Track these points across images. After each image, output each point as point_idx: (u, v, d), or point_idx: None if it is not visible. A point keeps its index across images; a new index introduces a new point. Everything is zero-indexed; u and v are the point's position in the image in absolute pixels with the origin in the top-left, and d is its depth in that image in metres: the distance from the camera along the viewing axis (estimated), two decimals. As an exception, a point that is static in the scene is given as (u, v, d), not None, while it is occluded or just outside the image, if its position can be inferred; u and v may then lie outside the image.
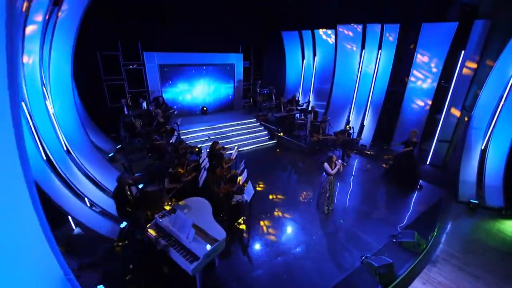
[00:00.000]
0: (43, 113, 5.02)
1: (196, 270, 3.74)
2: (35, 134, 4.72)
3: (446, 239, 5.73)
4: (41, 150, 4.89)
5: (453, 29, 7.81)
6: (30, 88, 4.58)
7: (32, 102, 4.64)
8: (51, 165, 5.10)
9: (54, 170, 5.14)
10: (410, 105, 9.48)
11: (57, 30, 5.18)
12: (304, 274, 4.58)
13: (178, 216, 4.30)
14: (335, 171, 5.83)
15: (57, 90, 5.60)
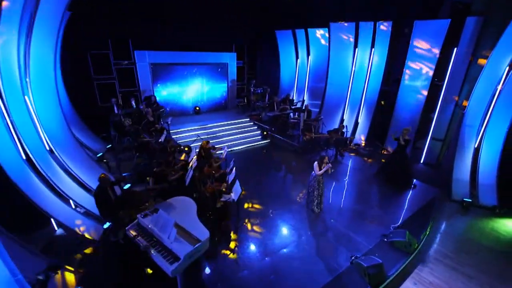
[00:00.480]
0: (22, 110, 4.86)
1: (176, 271, 3.59)
2: (13, 131, 4.57)
3: (439, 239, 5.61)
4: (20, 149, 4.74)
5: (446, 26, 7.74)
6: (6, 82, 4.40)
7: (9, 98, 4.47)
8: (32, 164, 4.94)
9: (34, 170, 4.98)
10: (404, 103, 9.38)
11: (37, 21, 4.95)
12: (291, 274, 4.44)
13: (160, 215, 4.14)
14: (322, 172, 5.71)
15: (38, 86, 5.41)
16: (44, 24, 5.25)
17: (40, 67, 5.51)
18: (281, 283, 4.27)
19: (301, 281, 4.32)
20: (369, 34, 9.33)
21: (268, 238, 5.27)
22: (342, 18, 9.43)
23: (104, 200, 4.71)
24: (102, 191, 4.71)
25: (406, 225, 5.75)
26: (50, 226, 5.33)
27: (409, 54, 8.81)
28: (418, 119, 9.11)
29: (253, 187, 7.12)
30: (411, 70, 8.98)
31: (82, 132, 8.72)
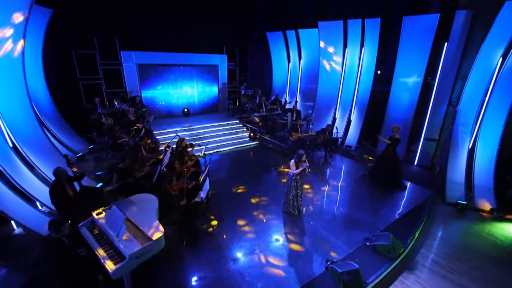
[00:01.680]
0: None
1: (119, 272, 3.21)
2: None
3: (428, 243, 5.12)
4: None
5: (435, 21, 7.45)
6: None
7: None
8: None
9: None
10: (397, 103, 9.02)
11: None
12: (258, 280, 4.00)
13: (113, 212, 3.80)
14: (299, 171, 5.32)
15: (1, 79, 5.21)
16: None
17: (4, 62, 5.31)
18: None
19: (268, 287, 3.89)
20: (357, 32, 9.09)
21: (237, 240, 4.85)
22: (329, 16, 9.22)
23: (61, 196, 4.39)
24: (59, 186, 4.40)
25: (393, 228, 5.26)
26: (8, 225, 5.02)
27: (400, 52, 8.51)
28: (412, 120, 8.72)
29: (229, 187, 6.75)
30: (402, 68, 8.66)
31: (64, 132, 8.53)
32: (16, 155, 5.31)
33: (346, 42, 9.52)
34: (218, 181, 7.06)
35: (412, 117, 8.70)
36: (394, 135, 6.82)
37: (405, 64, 8.56)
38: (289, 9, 10.84)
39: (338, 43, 9.72)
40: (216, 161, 8.47)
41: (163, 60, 10.88)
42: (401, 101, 8.96)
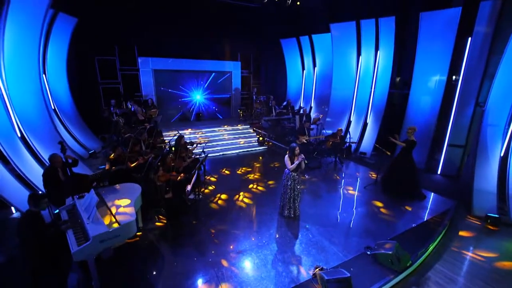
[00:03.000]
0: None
1: (80, 253, 3.06)
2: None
3: (445, 258, 4.33)
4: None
5: (457, 15, 6.82)
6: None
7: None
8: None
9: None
10: (416, 107, 8.26)
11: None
12: (233, 281, 3.60)
13: (90, 196, 3.74)
14: (295, 166, 4.91)
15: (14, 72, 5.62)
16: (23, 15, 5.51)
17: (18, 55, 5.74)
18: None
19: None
20: (371, 33, 8.66)
21: (224, 240, 4.50)
22: (341, 18, 8.93)
23: (52, 181, 4.48)
24: (52, 171, 4.50)
25: (402, 239, 4.56)
26: (8, 209, 5.23)
27: (419, 52, 7.88)
28: (434, 124, 7.89)
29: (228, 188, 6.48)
30: (422, 69, 7.98)
31: (81, 131, 9.03)
32: (23, 144, 5.63)
33: (360, 43, 9.11)
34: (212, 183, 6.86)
35: (434, 122, 7.88)
36: (409, 136, 6.13)
37: (425, 64, 7.89)
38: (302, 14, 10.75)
39: (351, 45, 9.34)
40: (219, 163, 8.32)
41: (178, 66, 11.29)
42: (421, 105, 8.20)
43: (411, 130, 6.13)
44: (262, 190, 6.52)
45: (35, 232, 3.13)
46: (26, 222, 3.17)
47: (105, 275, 3.54)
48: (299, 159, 4.84)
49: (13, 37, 5.43)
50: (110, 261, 3.90)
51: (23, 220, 3.22)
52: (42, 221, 3.26)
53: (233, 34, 11.72)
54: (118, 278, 3.63)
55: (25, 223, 3.17)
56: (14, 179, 5.18)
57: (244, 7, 11.10)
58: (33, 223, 3.15)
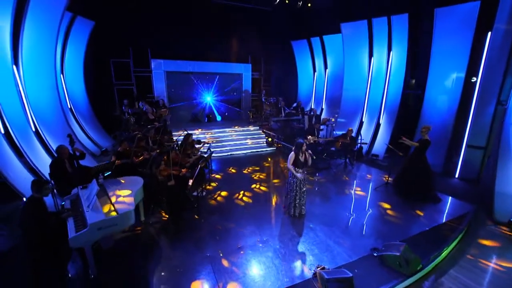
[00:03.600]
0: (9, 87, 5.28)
1: (76, 240, 3.09)
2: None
3: (462, 265, 3.99)
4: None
5: (476, 9, 6.48)
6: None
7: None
8: (10, 139, 5.19)
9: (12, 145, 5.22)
10: (433, 107, 7.88)
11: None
12: (230, 277, 3.49)
13: (92, 185, 3.80)
14: (290, 165, 4.77)
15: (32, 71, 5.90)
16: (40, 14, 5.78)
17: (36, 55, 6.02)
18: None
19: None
20: (384, 31, 8.42)
21: (224, 235, 4.41)
22: (352, 17, 8.76)
23: (59, 172, 4.60)
24: (59, 162, 4.63)
25: (413, 241, 4.26)
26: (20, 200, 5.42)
27: (434, 50, 7.55)
28: (452, 125, 7.47)
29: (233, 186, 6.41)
30: (438, 68, 7.62)
31: (95, 130, 9.33)
32: (37, 139, 5.86)
33: (372, 43, 8.88)
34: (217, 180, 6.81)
35: (452, 122, 7.46)
36: (423, 136, 5.81)
37: (441, 62, 7.53)
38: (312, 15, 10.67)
39: (363, 45, 9.12)
40: (226, 163, 8.29)
41: (189, 68, 11.51)
42: (438, 104, 7.81)
43: (425, 129, 5.82)
44: (268, 188, 6.40)
45: (36, 217, 3.19)
46: (28, 207, 3.24)
47: (103, 264, 3.56)
48: (306, 156, 4.71)
49: (31, 37, 5.72)
50: (109, 252, 3.92)
51: (26, 205, 3.29)
52: (44, 207, 3.32)
53: (244, 37, 11.82)
54: (116, 268, 3.62)
55: (28, 208, 3.24)
56: (27, 172, 5.38)
57: (255, 10, 11.20)
58: (36, 208, 3.22)
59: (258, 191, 6.26)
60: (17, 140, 5.30)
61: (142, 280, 3.41)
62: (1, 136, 5.07)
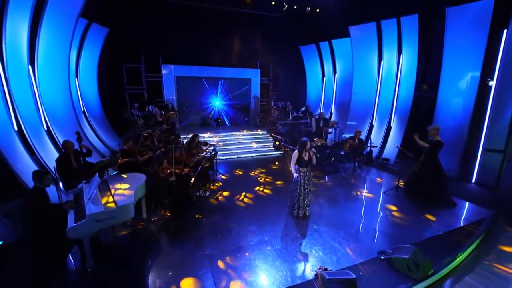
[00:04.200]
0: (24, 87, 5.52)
1: (74, 230, 3.09)
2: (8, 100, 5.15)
3: (478, 271, 3.69)
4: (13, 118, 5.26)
5: (490, 7, 6.26)
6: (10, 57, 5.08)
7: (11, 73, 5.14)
8: (22, 136, 5.39)
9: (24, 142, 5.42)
10: (446, 110, 7.57)
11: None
12: (228, 276, 3.38)
13: (94, 179, 3.85)
14: (306, 159, 4.66)
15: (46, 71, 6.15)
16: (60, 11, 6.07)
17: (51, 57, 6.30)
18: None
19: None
20: (393, 33, 8.29)
21: (225, 234, 4.31)
22: (360, 20, 8.69)
23: (65, 167, 4.69)
24: (65, 157, 4.73)
25: (425, 246, 3.99)
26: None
27: (446, 50, 7.32)
28: (467, 128, 7.12)
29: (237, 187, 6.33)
30: (451, 69, 7.37)
31: (106, 132, 9.60)
32: (48, 137, 6.07)
33: (381, 45, 8.75)
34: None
35: (467, 125, 7.12)
36: (433, 137, 5.57)
37: (454, 63, 7.28)
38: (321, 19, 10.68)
39: (372, 47, 9.00)
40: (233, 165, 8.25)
41: (199, 73, 11.72)
42: (452, 107, 7.50)
43: (435, 130, 5.56)
44: (272, 190, 6.29)
45: (38, 206, 3.23)
46: (30, 197, 3.31)
47: (101, 258, 3.54)
48: (311, 154, 4.60)
49: (47, 39, 6.01)
50: (109, 247, 3.91)
51: (28, 195, 3.36)
52: (46, 197, 3.37)
53: (253, 42, 11.96)
54: (114, 263, 3.59)
55: (30, 198, 3.30)
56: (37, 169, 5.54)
57: (264, 16, 11.35)
58: (37, 198, 3.27)
59: (262, 193, 6.15)
60: (29, 138, 5.49)
61: (139, 275, 3.36)
62: (15, 133, 5.28)
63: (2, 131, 4.98)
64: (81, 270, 3.45)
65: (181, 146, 6.49)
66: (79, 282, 3.30)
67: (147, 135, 5.94)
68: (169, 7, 10.11)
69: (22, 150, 5.38)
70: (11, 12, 4.88)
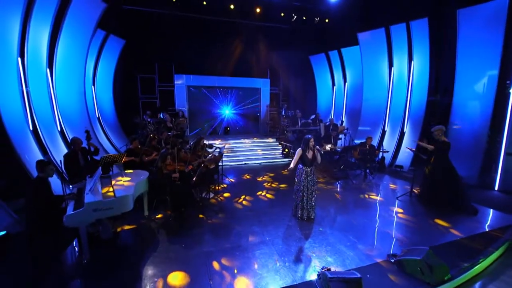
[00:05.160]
0: (42, 89, 5.83)
1: (71, 218, 3.08)
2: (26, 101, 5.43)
3: (504, 279, 3.30)
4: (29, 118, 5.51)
5: (504, 6, 6.06)
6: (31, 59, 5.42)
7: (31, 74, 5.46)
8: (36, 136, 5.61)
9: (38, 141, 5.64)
10: (462, 114, 7.23)
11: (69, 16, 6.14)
12: (223, 274, 3.20)
13: (97, 172, 3.89)
14: (309, 158, 4.51)
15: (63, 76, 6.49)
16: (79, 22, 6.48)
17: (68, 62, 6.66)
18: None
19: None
20: (403, 38, 8.18)
21: (224, 233, 4.17)
22: (369, 26, 8.68)
23: (72, 164, 4.79)
24: (73, 154, 4.85)
25: (442, 250, 3.64)
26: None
27: (460, 53, 7.10)
28: (487, 133, 6.72)
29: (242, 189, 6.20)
30: (465, 72, 7.10)
31: (117, 136, 9.85)
32: (61, 138, 6.29)
33: (391, 51, 8.64)
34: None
35: (486, 130, 6.72)
36: (439, 138, 5.22)
37: (468, 66, 7.02)
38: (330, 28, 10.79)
39: (381, 53, 8.90)
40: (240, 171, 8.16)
41: (209, 82, 12.00)
42: (468, 111, 7.15)
43: (439, 131, 5.23)
44: (276, 193, 6.13)
45: (40, 195, 3.29)
46: (33, 185, 3.37)
47: (99, 252, 3.50)
48: (315, 151, 4.46)
49: (65, 45, 6.40)
50: (108, 242, 3.86)
51: (32, 184, 3.42)
52: (48, 186, 3.43)
53: (262, 53, 12.21)
54: (110, 257, 3.53)
55: (33, 186, 3.36)
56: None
57: (273, 27, 11.64)
58: (40, 187, 3.33)
59: (266, 197, 5.98)
60: (43, 137, 5.72)
61: (134, 269, 3.26)
62: (30, 132, 5.51)
63: (17, 130, 5.21)
64: (77, 262, 3.40)
65: (187, 148, 6.51)
66: (75, 273, 3.24)
67: (154, 135, 6.01)
68: (183, 20, 10.57)
69: (36, 149, 5.58)
70: (35, 18, 5.26)
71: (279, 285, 3.00)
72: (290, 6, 10.33)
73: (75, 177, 4.73)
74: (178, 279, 3.07)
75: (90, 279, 3.10)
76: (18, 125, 5.24)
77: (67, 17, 6.03)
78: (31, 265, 3.27)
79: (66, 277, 3.16)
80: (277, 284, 3.01)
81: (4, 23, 4.69)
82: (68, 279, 3.13)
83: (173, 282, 3.03)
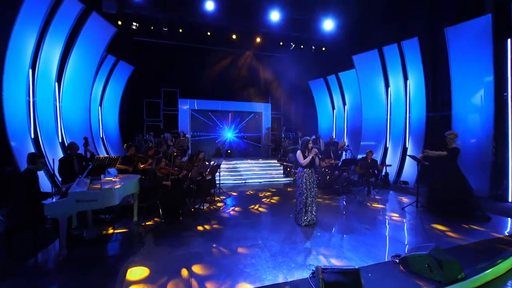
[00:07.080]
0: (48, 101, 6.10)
1: (51, 207, 2.95)
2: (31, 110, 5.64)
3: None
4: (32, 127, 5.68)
5: (488, 22, 6.35)
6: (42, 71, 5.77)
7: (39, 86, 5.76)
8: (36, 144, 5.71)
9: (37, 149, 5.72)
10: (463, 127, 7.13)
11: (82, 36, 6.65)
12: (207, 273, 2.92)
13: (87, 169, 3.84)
14: (308, 160, 4.41)
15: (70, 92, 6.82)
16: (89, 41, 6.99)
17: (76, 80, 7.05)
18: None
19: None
20: (396, 58, 8.51)
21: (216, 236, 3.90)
22: (362, 49, 9.11)
23: (66, 168, 4.76)
24: (69, 159, 4.84)
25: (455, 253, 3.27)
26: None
27: (453, 68, 7.28)
28: (491, 144, 6.55)
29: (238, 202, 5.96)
30: (461, 85, 7.19)
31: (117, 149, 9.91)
32: (61, 149, 6.37)
33: (386, 70, 8.92)
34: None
35: (490, 141, 6.55)
36: (449, 144, 5.11)
37: (463, 80, 7.13)
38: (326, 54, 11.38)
39: (377, 73, 9.18)
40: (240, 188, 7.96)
41: (212, 106, 12.40)
42: (469, 124, 7.07)
43: (453, 135, 5.15)
44: (274, 203, 5.87)
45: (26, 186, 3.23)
46: (21, 176, 3.34)
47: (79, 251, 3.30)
48: (312, 153, 4.38)
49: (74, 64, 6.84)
50: (91, 242, 3.65)
51: (20, 175, 3.39)
52: (35, 179, 3.37)
53: (263, 78, 12.78)
54: (88, 255, 3.29)
55: (21, 177, 3.33)
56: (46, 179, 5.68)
57: (272, 56, 12.36)
58: (27, 178, 3.28)
59: (265, 206, 5.71)
60: (43, 146, 5.81)
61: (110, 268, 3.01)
62: (30, 140, 5.62)
63: (19, 136, 5.33)
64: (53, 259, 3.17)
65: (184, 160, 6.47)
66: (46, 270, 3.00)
67: (153, 146, 6.04)
68: (189, 49, 11.36)
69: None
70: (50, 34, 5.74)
71: (270, 281, 2.70)
72: (288, 36, 11.08)
73: (68, 182, 4.68)
74: (157, 279, 2.80)
75: (60, 276, 2.85)
76: (20, 132, 5.37)
77: (79, 36, 6.56)
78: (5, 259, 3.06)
79: (38, 273, 2.91)
80: (268, 281, 2.71)
81: (21, 35, 5.10)
82: (39, 274, 2.88)
83: (151, 282, 2.77)
